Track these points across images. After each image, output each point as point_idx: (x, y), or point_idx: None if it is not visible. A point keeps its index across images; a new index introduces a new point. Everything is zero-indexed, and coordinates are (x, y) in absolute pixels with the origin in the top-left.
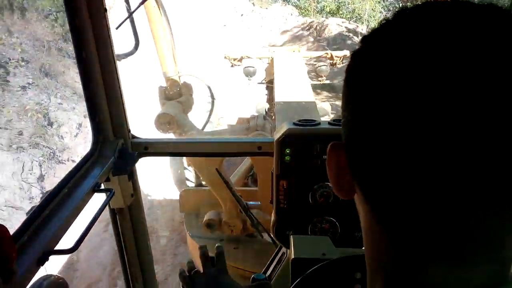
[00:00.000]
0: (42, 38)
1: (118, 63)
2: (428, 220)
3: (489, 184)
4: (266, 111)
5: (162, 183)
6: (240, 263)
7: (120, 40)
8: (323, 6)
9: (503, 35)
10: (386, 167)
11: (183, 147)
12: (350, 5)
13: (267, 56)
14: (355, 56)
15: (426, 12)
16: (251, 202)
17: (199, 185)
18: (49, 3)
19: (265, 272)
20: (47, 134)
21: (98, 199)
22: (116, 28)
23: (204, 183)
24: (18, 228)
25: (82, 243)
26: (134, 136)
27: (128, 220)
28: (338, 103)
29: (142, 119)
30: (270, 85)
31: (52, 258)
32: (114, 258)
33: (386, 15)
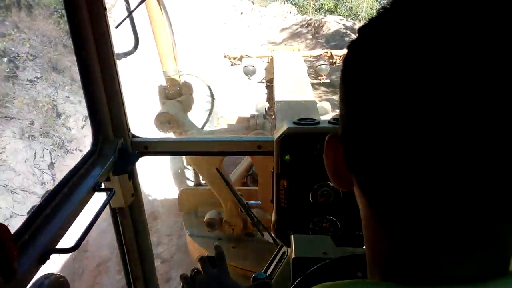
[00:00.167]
0: (49, 34)
1: (118, 62)
2: (424, 215)
3: (481, 178)
4: (266, 110)
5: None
6: (240, 262)
7: (121, 39)
8: (322, 4)
9: (504, 26)
10: (381, 161)
11: (183, 146)
12: (348, 3)
13: (267, 55)
14: (352, 47)
15: (424, 1)
16: (252, 202)
17: (198, 184)
18: (55, 1)
19: (265, 271)
20: (56, 125)
21: (99, 198)
22: (116, 27)
23: (203, 182)
24: (19, 227)
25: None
26: (134, 136)
27: (129, 220)
28: (336, 97)
29: (142, 119)
30: (270, 84)
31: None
32: None
33: None
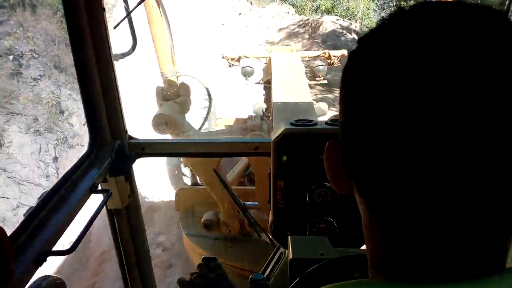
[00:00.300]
0: (52, 33)
1: (115, 63)
2: (422, 218)
3: (477, 182)
4: (264, 111)
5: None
6: (237, 261)
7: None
8: (319, 5)
9: (497, 37)
10: (379, 167)
11: (180, 147)
12: (345, 3)
13: (265, 56)
14: (351, 56)
15: (422, 13)
16: (249, 203)
17: (195, 184)
18: (58, 0)
19: (263, 272)
20: (59, 121)
21: (96, 200)
22: (114, 28)
23: (200, 182)
24: (16, 229)
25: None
26: (131, 137)
27: (126, 221)
28: (331, 95)
29: (139, 121)
30: (267, 85)
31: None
32: None
33: (380, 13)
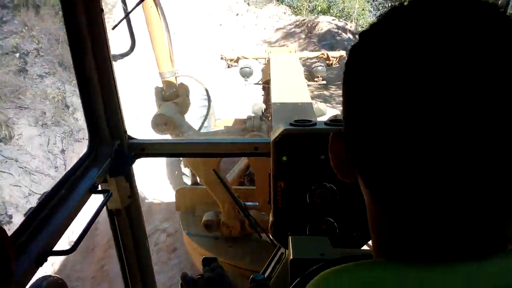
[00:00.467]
0: (55, 32)
1: (114, 63)
2: (424, 203)
3: (477, 165)
4: (263, 111)
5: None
6: (237, 261)
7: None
8: (315, 5)
9: (497, 32)
10: (381, 155)
11: (180, 147)
12: (341, 4)
13: (264, 57)
14: (353, 49)
15: (422, 8)
16: (249, 203)
17: (195, 183)
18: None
19: (263, 273)
20: (65, 115)
21: (96, 200)
22: (113, 29)
23: (200, 182)
24: (16, 229)
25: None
26: (130, 137)
27: (126, 221)
28: (327, 92)
29: (139, 121)
30: (266, 85)
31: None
32: None
33: (375, 14)
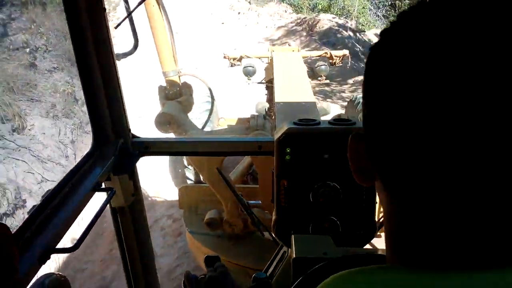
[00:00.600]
0: (62, 29)
1: (117, 62)
2: (445, 207)
3: (498, 170)
4: (266, 110)
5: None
6: (240, 259)
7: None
8: (316, 4)
9: (503, 41)
10: (402, 157)
11: (183, 146)
12: (341, 2)
13: (267, 56)
14: (374, 49)
15: (445, 6)
16: (252, 201)
17: (198, 181)
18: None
19: (266, 271)
20: (74, 107)
21: (99, 198)
22: (115, 28)
23: (203, 180)
24: (20, 227)
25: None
26: (134, 136)
27: (129, 219)
28: (327, 88)
29: (143, 120)
30: (269, 84)
31: None
32: None
33: (376, 12)
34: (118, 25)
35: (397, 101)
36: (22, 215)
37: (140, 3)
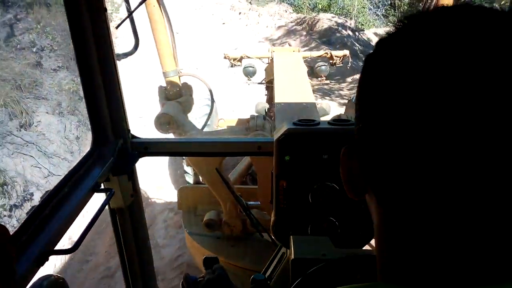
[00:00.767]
0: (67, 29)
1: (118, 62)
2: (439, 223)
3: (491, 185)
4: (266, 111)
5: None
6: (238, 260)
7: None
8: (316, 3)
9: (498, 49)
10: (396, 174)
11: (183, 147)
12: (341, 2)
13: (267, 56)
14: (368, 60)
15: (439, 19)
16: (251, 202)
17: (197, 182)
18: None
19: (264, 272)
20: (79, 105)
21: (98, 199)
22: (116, 28)
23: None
24: (18, 228)
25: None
26: (134, 136)
27: (128, 220)
28: (326, 87)
29: (143, 120)
30: (270, 85)
31: None
32: None
33: (375, 11)
34: (119, 25)
35: (389, 116)
36: (30, 207)
37: (140, 3)
